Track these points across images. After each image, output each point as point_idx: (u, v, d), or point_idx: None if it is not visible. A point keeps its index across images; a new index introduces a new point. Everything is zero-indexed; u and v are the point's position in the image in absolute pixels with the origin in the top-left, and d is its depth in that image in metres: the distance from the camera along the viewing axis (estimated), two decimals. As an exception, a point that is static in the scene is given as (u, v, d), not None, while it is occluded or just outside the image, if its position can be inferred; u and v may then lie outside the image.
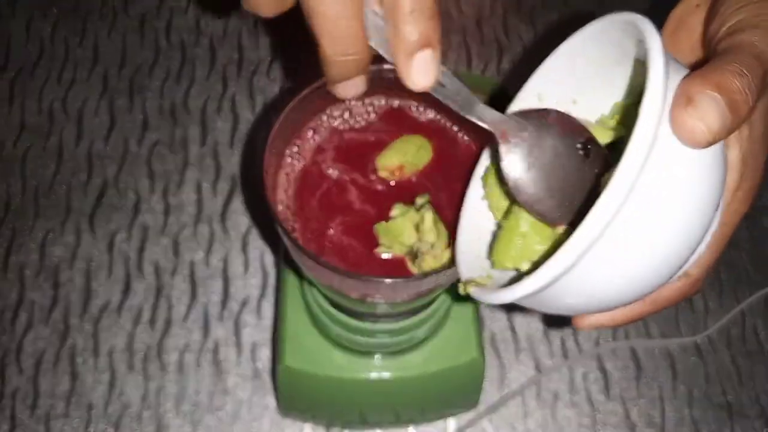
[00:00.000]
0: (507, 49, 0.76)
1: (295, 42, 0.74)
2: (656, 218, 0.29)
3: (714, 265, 0.37)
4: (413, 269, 0.40)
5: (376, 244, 0.40)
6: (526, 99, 0.37)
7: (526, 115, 0.35)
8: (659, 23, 0.38)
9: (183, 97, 0.71)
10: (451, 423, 0.58)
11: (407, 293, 0.41)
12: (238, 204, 0.66)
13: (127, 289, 0.62)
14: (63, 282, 0.62)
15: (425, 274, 0.39)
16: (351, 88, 0.32)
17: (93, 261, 0.63)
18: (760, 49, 0.31)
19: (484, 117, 0.33)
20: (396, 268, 0.40)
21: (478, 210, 0.39)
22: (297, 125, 0.42)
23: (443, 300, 0.49)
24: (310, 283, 0.48)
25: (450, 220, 0.40)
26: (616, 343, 0.61)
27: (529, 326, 0.62)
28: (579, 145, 0.34)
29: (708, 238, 0.35)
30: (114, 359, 0.59)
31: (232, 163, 0.68)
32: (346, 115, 0.44)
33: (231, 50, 0.74)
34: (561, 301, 0.31)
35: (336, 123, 0.44)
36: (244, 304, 0.62)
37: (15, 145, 0.68)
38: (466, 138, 0.44)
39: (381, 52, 0.31)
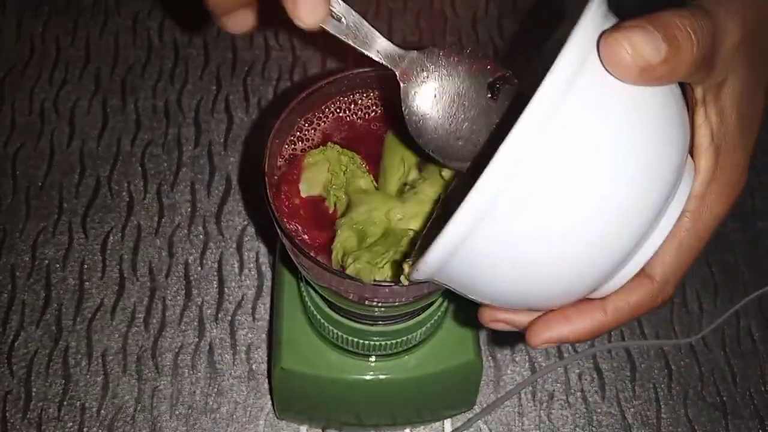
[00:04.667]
0: (502, 50, 0.76)
1: (289, 42, 0.74)
2: (584, 169, 0.25)
3: (684, 269, 0.33)
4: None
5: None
6: None
7: (429, 53, 0.33)
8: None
9: (176, 97, 0.71)
10: (447, 424, 0.58)
11: (406, 296, 0.41)
12: (232, 204, 0.66)
13: (120, 290, 0.61)
14: (55, 283, 0.61)
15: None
16: (236, 24, 0.32)
17: (86, 262, 0.62)
18: (709, 8, 0.29)
19: (386, 53, 0.31)
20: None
21: None
22: (297, 125, 0.42)
23: (441, 302, 0.48)
24: (307, 283, 0.47)
25: None
26: (612, 343, 0.61)
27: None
28: (487, 86, 0.33)
29: (666, 226, 0.30)
30: (107, 361, 0.58)
31: (227, 163, 0.68)
32: (347, 113, 0.44)
33: (225, 50, 0.74)
34: (488, 281, 0.28)
35: (336, 122, 0.43)
36: (239, 305, 0.61)
37: (6, 145, 0.67)
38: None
39: None
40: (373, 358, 0.49)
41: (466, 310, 0.51)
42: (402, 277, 0.34)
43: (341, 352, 0.49)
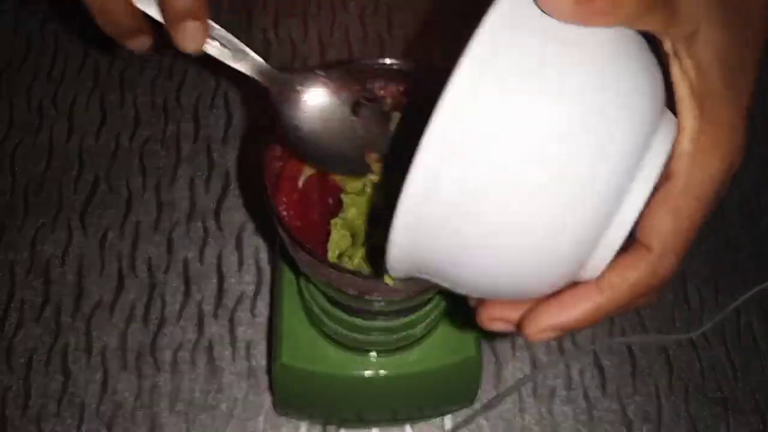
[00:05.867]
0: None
1: (288, 36, 0.74)
2: (525, 124, 0.25)
3: (686, 236, 0.30)
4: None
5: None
6: None
7: (300, 72, 0.37)
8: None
9: (175, 93, 0.71)
10: (447, 420, 0.57)
11: (405, 291, 0.41)
12: (232, 200, 0.65)
13: (119, 287, 0.61)
14: (54, 280, 0.61)
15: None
16: (135, 45, 0.37)
17: (85, 258, 0.62)
18: None
19: (261, 71, 0.36)
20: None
21: None
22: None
23: (440, 298, 0.48)
24: (307, 279, 0.47)
25: None
26: (612, 339, 0.61)
27: (525, 323, 0.61)
28: (349, 104, 0.38)
29: (645, 184, 0.28)
30: (107, 358, 0.58)
31: (226, 159, 0.67)
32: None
33: (223, 45, 0.73)
34: (460, 263, 0.27)
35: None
36: (238, 301, 0.61)
37: (4, 141, 0.67)
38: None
39: (152, 14, 0.34)
40: (373, 354, 0.49)
41: (465, 305, 0.51)
42: (386, 278, 0.35)
43: (341, 347, 0.49)
